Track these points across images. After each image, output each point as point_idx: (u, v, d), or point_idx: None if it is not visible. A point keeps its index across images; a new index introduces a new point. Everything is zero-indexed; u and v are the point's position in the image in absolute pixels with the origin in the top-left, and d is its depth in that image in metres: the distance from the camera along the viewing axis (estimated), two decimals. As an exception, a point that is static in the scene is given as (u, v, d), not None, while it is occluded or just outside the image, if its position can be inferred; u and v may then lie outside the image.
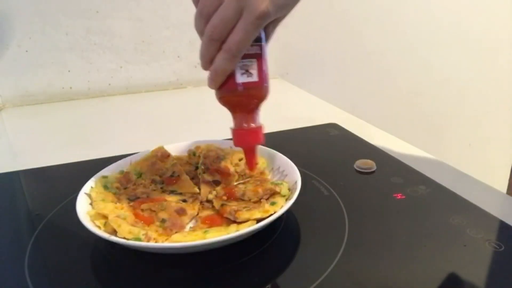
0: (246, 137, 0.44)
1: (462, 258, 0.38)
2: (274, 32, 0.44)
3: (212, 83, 0.41)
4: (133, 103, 0.97)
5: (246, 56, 0.41)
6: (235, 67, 0.41)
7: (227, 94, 0.42)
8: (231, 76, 0.41)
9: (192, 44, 1.01)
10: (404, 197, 0.48)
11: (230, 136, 0.44)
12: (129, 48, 0.98)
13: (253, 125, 0.43)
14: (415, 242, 0.41)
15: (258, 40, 0.41)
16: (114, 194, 0.45)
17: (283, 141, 0.65)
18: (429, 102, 1.34)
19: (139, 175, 0.49)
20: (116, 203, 0.43)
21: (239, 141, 0.44)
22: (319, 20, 1.09)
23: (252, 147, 0.44)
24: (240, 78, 0.41)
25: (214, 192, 0.46)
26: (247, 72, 0.41)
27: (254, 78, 0.41)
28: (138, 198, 0.45)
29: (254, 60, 0.41)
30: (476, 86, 1.30)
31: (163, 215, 0.42)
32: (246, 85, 0.41)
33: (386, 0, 1.17)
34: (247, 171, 0.50)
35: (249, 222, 0.39)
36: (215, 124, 0.44)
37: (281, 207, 0.40)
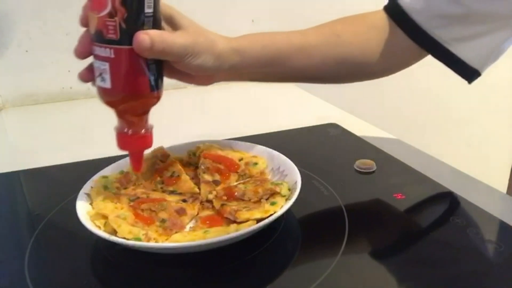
0: (127, 142, 0.42)
1: (462, 258, 0.38)
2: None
3: None
4: (133, 103, 0.96)
5: (99, 58, 0.38)
6: (94, 68, 0.39)
7: (98, 95, 0.41)
8: None
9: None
10: (404, 197, 0.48)
11: (230, 136, 0.44)
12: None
13: (135, 130, 0.41)
14: (415, 242, 0.41)
15: (112, 42, 0.36)
16: (114, 194, 0.45)
17: (283, 141, 0.65)
18: (429, 102, 1.34)
19: (138, 175, 0.49)
20: (116, 203, 0.43)
21: (121, 145, 0.42)
22: (319, 20, 1.09)
23: (136, 152, 0.43)
24: (96, 81, 0.39)
25: (214, 192, 0.46)
26: (100, 75, 0.39)
27: (107, 84, 0.38)
28: (138, 198, 0.45)
29: (107, 64, 0.37)
30: (476, 86, 1.29)
31: (163, 215, 0.42)
32: (101, 90, 0.39)
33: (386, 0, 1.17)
34: (247, 171, 0.50)
35: (249, 222, 0.39)
36: (215, 124, 0.44)
37: (281, 207, 0.40)
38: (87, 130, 0.80)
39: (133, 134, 0.41)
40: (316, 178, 0.53)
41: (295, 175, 0.45)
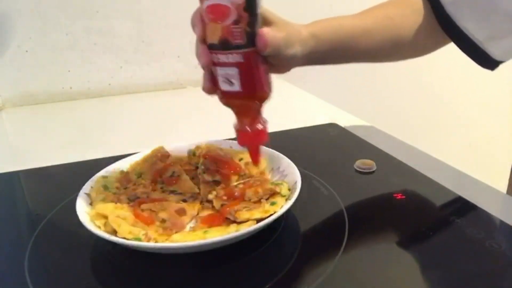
0: (248, 138, 0.44)
1: (462, 258, 0.38)
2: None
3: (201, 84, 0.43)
4: (133, 103, 0.97)
5: (226, 64, 0.39)
6: (216, 74, 0.40)
7: (220, 97, 0.42)
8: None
9: (192, 44, 1.00)
10: (404, 197, 0.48)
11: (230, 136, 0.44)
12: (129, 48, 0.98)
13: (254, 126, 0.43)
14: (415, 242, 0.41)
15: (240, 47, 0.38)
16: (114, 194, 0.45)
17: (283, 141, 0.65)
18: (429, 102, 1.34)
19: (139, 175, 0.49)
20: (116, 203, 0.43)
21: (242, 141, 0.44)
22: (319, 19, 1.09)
23: (255, 147, 0.45)
24: (222, 86, 0.41)
25: (214, 192, 0.46)
26: (228, 81, 0.40)
27: (236, 87, 0.40)
28: (138, 198, 0.45)
29: (235, 68, 0.39)
30: (476, 85, 1.30)
31: (163, 215, 0.42)
32: (227, 94, 0.41)
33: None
34: (247, 171, 0.50)
35: (249, 222, 0.39)
36: (215, 124, 0.44)
37: (281, 207, 0.40)
38: (87, 130, 0.80)
39: (253, 130, 0.43)
40: (316, 178, 0.53)
41: (295, 175, 0.45)
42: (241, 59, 0.39)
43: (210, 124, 0.74)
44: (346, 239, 0.41)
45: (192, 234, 0.39)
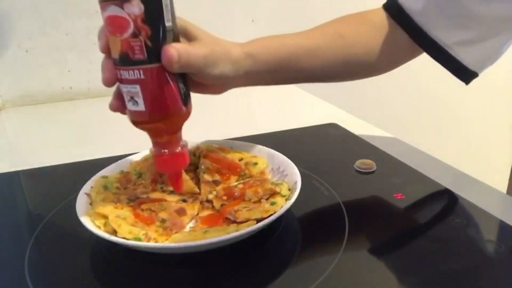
0: (165, 163, 0.41)
1: (462, 258, 0.38)
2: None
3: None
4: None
5: (129, 82, 0.36)
6: (122, 92, 0.37)
7: (128, 117, 0.39)
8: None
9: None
10: (404, 197, 0.48)
11: (230, 136, 0.44)
12: (129, 48, 0.98)
13: (171, 149, 0.40)
14: (414, 242, 0.41)
15: (140, 62, 0.35)
16: (114, 194, 0.45)
17: (283, 141, 0.65)
18: (429, 102, 1.34)
19: (139, 175, 0.49)
20: (116, 203, 0.43)
21: (159, 166, 0.41)
22: (319, 19, 1.09)
23: (174, 172, 0.42)
24: (128, 105, 0.38)
25: (214, 192, 0.46)
26: (132, 99, 0.37)
27: (140, 107, 0.37)
28: (138, 198, 0.45)
29: (137, 86, 0.36)
30: (476, 86, 1.30)
31: (163, 215, 0.42)
32: (134, 113, 0.38)
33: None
34: (247, 171, 0.50)
35: (249, 222, 0.39)
36: (215, 124, 0.44)
37: (281, 207, 0.40)
38: (87, 130, 0.80)
39: (170, 153, 0.40)
40: (316, 178, 0.53)
41: (295, 175, 0.45)
42: (143, 75, 0.35)
43: (210, 124, 0.74)
44: (346, 239, 0.41)
45: (192, 234, 0.39)
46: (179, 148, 0.40)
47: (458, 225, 0.43)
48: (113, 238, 0.37)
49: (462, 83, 0.57)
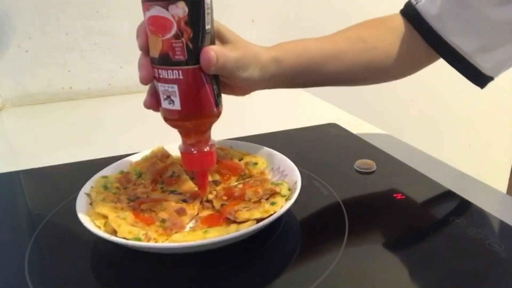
0: (194, 161, 0.42)
1: (462, 258, 0.38)
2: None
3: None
4: (133, 103, 0.97)
5: (167, 81, 0.37)
6: (158, 90, 0.39)
7: (162, 115, 0.40)
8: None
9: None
10: (404, 197, 0.48)
11: (230, 136, 0.44)
12: (129, 48, 0.98)
13: (200, 148, 0.41)
14: (415, 242, 0.41)
15: (180, 63, 0.36)
16: (114, 194, 0.45)
17: (283, 141, 0.65)
18: (429, 102, 1.34)
19: (139, 175, 0.49)
20: (116, 203, 0.43)
21: (187, 164, 0.43)
22: (319, 19, 1.09)
23: (201, 171, 0.43)
24: (163, 104, 0.39)
25: (214, 192, 0.46)
26: (168, 98, 0.38)
27: (176, 106, 0.38)
28: (138, 198, 0.45)
29: (175, 86, 0.37)
30: (476, 86, 1.30)
31: (163, 215, 0.42)
32: (169, 112, 0.39)
33: (387, 3, 1.17)
34: (247, 171, 0.50)
35: (249, 222, 0.39)
36: (215, 124, 0.44)
37: (281, 207, 0.40)
38: (87, 130, 0.80)
39: (198, 152, 0.41)
40: (316, 178, 0.53)
41: (295, 175, 0.45)
42: (181, 76, 0.37)
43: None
44: (346, 239, 0.41)
45: (192, 234, 0.39)
46: (208, 147, 0.42)
47: (458, 225, 0.43)
48: (113, 238, 0.37)
49: (463, 83, 0.57)
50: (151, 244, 0.37)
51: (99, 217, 0.40)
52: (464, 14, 0.52)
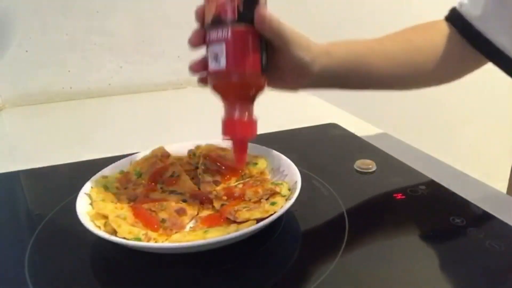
0: (234, 128, 0.41)
1: (462, 258, 0.38)
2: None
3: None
4: (133, 103, 0.97)
5: (215, 41, 0.38)
6: (207, 55, 0.40)
7: (209, 79, 0.41)
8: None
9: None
10: (404, 197, 0.48)
11: (230, 136, 0.44)
12: (129, 48, 0.98)
13: (242, 116, 0.41)
14: (415, 242, 0.41)
15: (230, 22, 0.38)
16: (114, 194, 0.45)
17: (283, 141, 0.65)
18: (429, 102, 1.34)
19: (139, 175, 0.49)
20: (116, 203, 0.43)
21: (227, 131, 0.41)
22: (319, 20, 1.09)
23: (241, 140, 0.42)
24: (211, 64, 0.40)
25: (214, 192, 0.46)
26: (215, 58, 0.39)
27: (222, 65, 0.38)
28: (138, 198, 0.45)
29: (222, 44, 0.38)
30: (476, 85, 1.30)
31: (163, 215, 0.42)
32: (214, 73, 0.40)
33: (387, 2, 1.17)
34: (247, 171, 0.50)
35: (249, 222, 0.39)
36: (215, 124, 0.44)
37: (281, 207, 0.40)
38: (87, 130, 0.80)
39: (239, 119, 0.41)
40: (316, 178, 0.53)
41: (295, 175, 0.45)
42: (230, 34, 0.38)
43: (210, 124, 0.74)
44: (346, 239, 0.41)
45: (192, 234, 0.39)
46: (249, 116, 0.41)
47: (458, 225, 0.43)
48: (113, 238, 0.37)
49: (463, 83, 0.57)
50: (151, 244, 0.37)
51: (99, 217, 0.40)
52: (507, 11, 0.51)
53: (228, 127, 0.41)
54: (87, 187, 0.45)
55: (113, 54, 0.97)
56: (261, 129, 0.63)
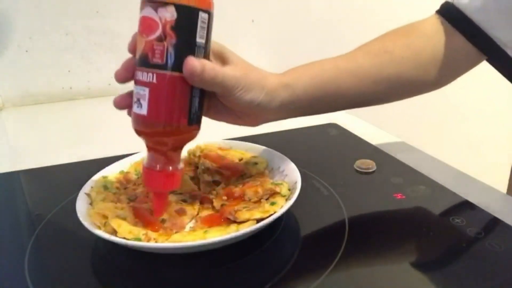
0: (153, 179, 0.39)
1: (462, 258, 0.38)
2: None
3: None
4: (133, 103, 0.96)
5: (139, 83, 0.36)
6: (134, 94, 0.37)
7: (131, 120, 0.38)
8: None
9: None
10: (404, 197, 0.48)
11: (230, 136, 0.44)
12: (129, 48, 0.98)
13: (164, 167, 0.38)
14: (415, 242, 0.41)
15: (157, 66, 0.35)
16: (114, 194, 0.45)
17: (283, 141, 0.65)
18: (429, 102, 1.34)
19: (139, 175, 0.49)
20: (116, 203, 0.43)
21: (145, 181, 0.39)
22: (319, 20, 1.09)
23: (160, 191, 0.40)
24: (133, 107, 0.37)
25: (214, 192, 0.46)
26: (138, 101, 0.36)
27: (143, 110, 0.36)
28: (138, 197, 0.45)
29: (147, 89, 0.35)
30: (476, 85, 1.30)
31: (163, 215, 0.42)
32: (136, 117, 0.37)
33: (387, 2, 1.17)
34: (247, 171, 0.50)
35: (249, 222, 0.39)
36: (215, 124, 0.44)
37: (281, 207, 0.40)
38: (87, 130, 0.80)
39: (159, 170, 0.38)
40: (316, 178, 0.53)
41: (295, 175, 0.45)
42: (155, 80, 0.35)
43: (210, 124, 0.74)
44: (346, 239, 0.41)
45: (192, 234, 0.39)
46: (171, 168, 0.38)
47: (458, 225, 0.43)
48: (113, 238, 0.37)
49: (462, 83, 0.57)
50: (151, 244, 0.37)
51: (99, 217, 0.40)
52: (509, 3, 0.47)
53: (147, 177, 0.39)
54: (87, 187, 0.45)
55: (113, 54, 0.97)
56: (261, 129, 0.63)
